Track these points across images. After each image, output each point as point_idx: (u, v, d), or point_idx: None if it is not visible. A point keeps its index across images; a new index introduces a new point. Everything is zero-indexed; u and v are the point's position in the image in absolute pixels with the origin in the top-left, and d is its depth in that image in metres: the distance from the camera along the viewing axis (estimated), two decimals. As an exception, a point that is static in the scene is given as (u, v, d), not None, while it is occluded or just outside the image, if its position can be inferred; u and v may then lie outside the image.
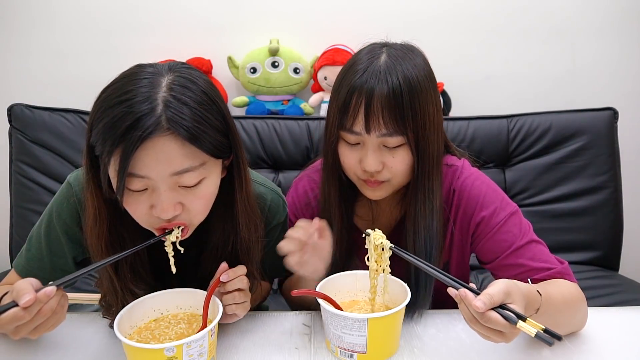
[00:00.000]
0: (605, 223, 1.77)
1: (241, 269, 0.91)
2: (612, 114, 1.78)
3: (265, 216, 1.02)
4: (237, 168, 0.89)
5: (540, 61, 1.98)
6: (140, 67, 0.81)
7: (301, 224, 0.92)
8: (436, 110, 0.95)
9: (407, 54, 0.94)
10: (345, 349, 0.87)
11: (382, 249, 0.89)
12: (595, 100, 1.90)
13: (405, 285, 0.92)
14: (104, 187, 0.81)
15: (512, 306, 0.72)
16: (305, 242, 0.90)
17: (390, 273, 0.91)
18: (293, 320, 1.02)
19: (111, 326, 0.97)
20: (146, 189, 0.79)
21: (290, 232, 0.91)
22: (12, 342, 0.93)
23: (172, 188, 0.79)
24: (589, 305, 0.96)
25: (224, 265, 0.89)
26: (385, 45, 0.97)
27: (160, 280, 0.95)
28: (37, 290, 0.73)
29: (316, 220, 0.92)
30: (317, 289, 0.93)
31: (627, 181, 1.83)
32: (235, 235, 0.93)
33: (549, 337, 0.68)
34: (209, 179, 0.83)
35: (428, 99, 0.92)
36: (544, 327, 0.70)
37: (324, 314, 0.90)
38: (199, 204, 0.83)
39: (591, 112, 1.79)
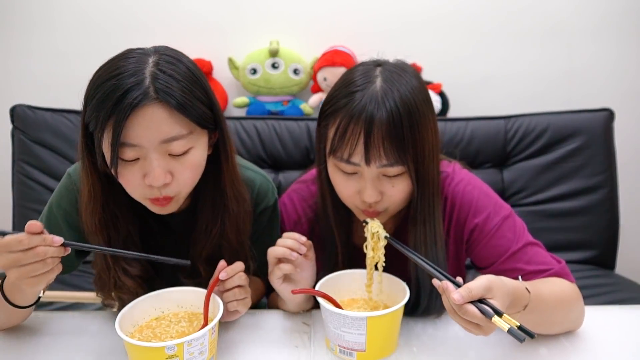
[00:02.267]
0: (601, 222, 1.77)
1: (239, 266, 0.92)
2: (608, 115, 1.78)
3: (254, 199, 1.06)
4: (223, 143, 0.94)
5: (537, 62, 1.98)
6: (129, 50, 0.88)
7: (293, 234, 0.93)
8: (434, 134, 0.92)
9: (402, 75, 0.89)
10: (344, 347, 0.88)
11: (378, 238, 0.92)
12: (592, 101, 1.90)
13: (404, 284, 0.93)
14: (99, 161, 0.87)
15: (491, 301, 0.74)
16: (295, 251, 0.91)
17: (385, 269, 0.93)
18: (293, 318, 1.03)
19: (104, 304, 1.01)
20: (138, 158, 0.84)
21: (281, 240, 0.93)
22: (12, 342, 0.95)
23: (162, 156, 0.84)
24: (585, 304, 0.96)
25: (222, 263, 0.91)
26: (378, 64, 0.93)
27: (152, 262, 0.99)
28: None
29: (303, 237, 0.93)
30: (316, 288, 0.94)
31: (624, 181, 1.84)
32: (224, 210, 0.97)
33: (521, 333, 0.70)
34: (196, 149, 0.87)
35: (427, 124, 0.89)
36: (519, 324, 0.72)
37: (323, 312, 0.91)
38: (187, 173, 0.87)
39: (588, 112, 1.80)
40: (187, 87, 0.84)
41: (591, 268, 1.76)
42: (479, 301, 0.74)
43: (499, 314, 0.72)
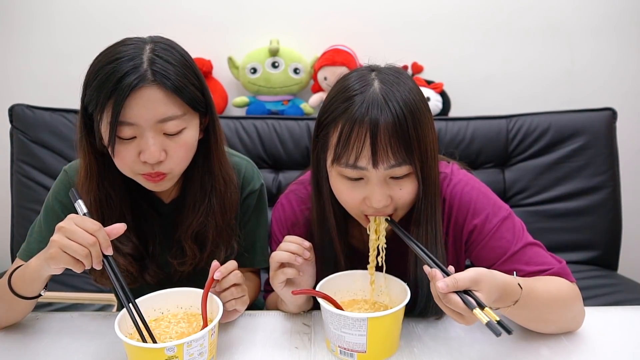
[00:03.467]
0: (604, 223, 1.77)
1: (232, 264, 0.93)
2: (611, 114, 1.78)
3: (240, 182, 1.12)
4: (213, 126, 1.01)
5: (539, 61, 1.98)
6: (126, 38, 0.93)
7: (295, 239, 0.94)
8: (433, 132, 0.91)
9: (399, 77, 0.89)
10: (345, 349, 0.87)
11: (380, 220, 0.93)
12: (594, 101, 1.90)
13: (405, 285, 0.93)
14: (97, 141, 0.92)
15: (477, 294, 0.75)
16: (299, 255, 0.92)
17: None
18: (293, 319, 1.02)
19: (95, 280, 1.04)
20: (134, 137, 0.89)
21: (284, 245, 0.93)
22: (12, 343, 0.95)
23: (158, 134, 0.90)
24: (587, 305, 0.96)
25: (215, 263, 0.91)
26: (372, 69, 0.91)
27: (144, 242, 1.05)
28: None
29: (305, 241, 0.94)
30: (317, 289, 0.94)
31: (626, 181, 1.84)
32: (211, 189, 1.03)
33: (499, 328, 0.72)
34: (189, 130, 0.94)
35: (427, 123, 0.88)
36: (499, 319, 0.73)
37: (324, 313, 0.90)
38: (180, 152, 0.93)
39: (590, 112, 1.80)
40: (181, 72, 0.90)
41: (593, 269, 1.75)
42: (465, 292, 0.75)
43: (481, 306, 0.74)
